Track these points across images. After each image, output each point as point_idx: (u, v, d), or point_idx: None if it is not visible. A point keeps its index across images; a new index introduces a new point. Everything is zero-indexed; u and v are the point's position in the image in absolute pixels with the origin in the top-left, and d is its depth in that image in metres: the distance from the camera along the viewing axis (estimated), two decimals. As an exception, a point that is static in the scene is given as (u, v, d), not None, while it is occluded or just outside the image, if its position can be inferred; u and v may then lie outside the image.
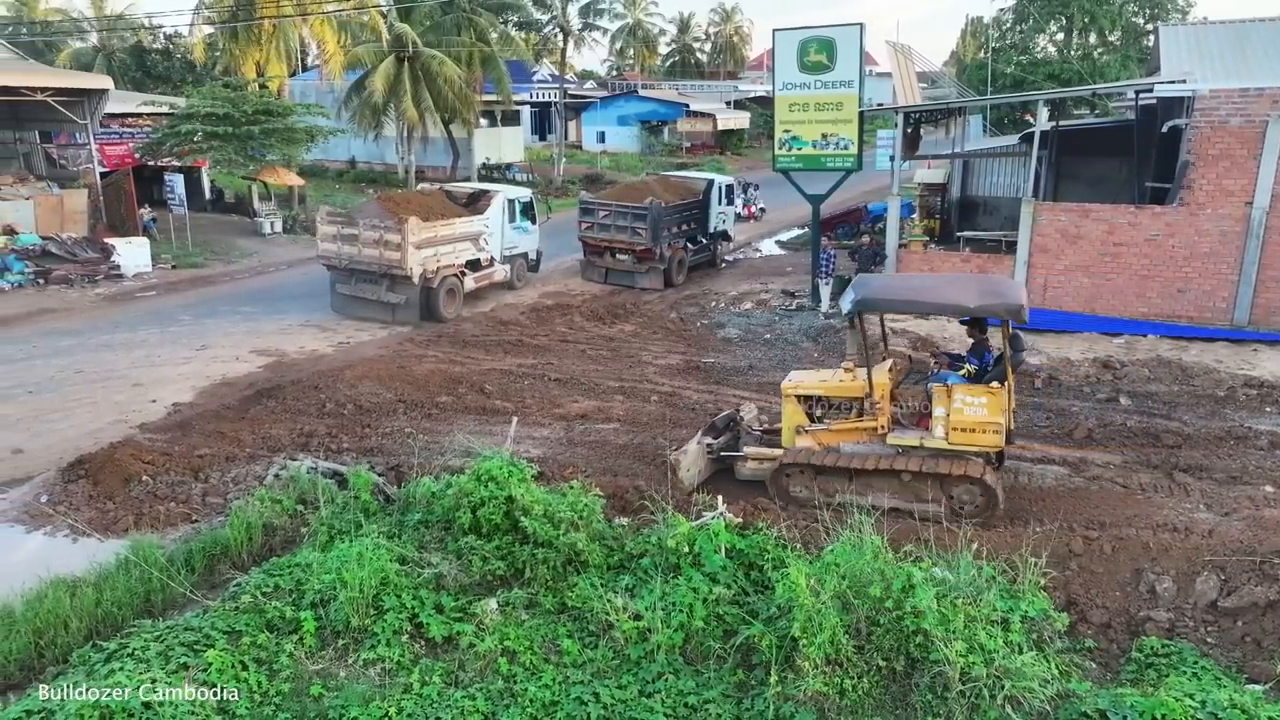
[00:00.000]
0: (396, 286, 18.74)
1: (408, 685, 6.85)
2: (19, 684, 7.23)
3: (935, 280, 11.74)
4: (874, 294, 9.91)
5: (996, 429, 9.02)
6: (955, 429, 9.16)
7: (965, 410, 9.09)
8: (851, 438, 9.76)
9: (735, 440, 10.91)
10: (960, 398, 9.12)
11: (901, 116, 19.26)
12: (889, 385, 9.73)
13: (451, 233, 19.65)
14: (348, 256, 19.10)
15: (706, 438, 10.75)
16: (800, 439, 9.97)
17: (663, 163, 48.79)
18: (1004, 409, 9.09)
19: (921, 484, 9.35)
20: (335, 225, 19.41)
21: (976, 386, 9.23)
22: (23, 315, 19.47)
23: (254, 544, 9.16)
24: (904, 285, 10.99)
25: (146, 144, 29.81)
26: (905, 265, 19.42)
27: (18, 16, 54.01)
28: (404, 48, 33.71)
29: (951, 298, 9.57)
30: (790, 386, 10.29)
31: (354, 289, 19.48)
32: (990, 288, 9.87)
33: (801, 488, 9.88)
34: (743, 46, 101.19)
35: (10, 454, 12.03)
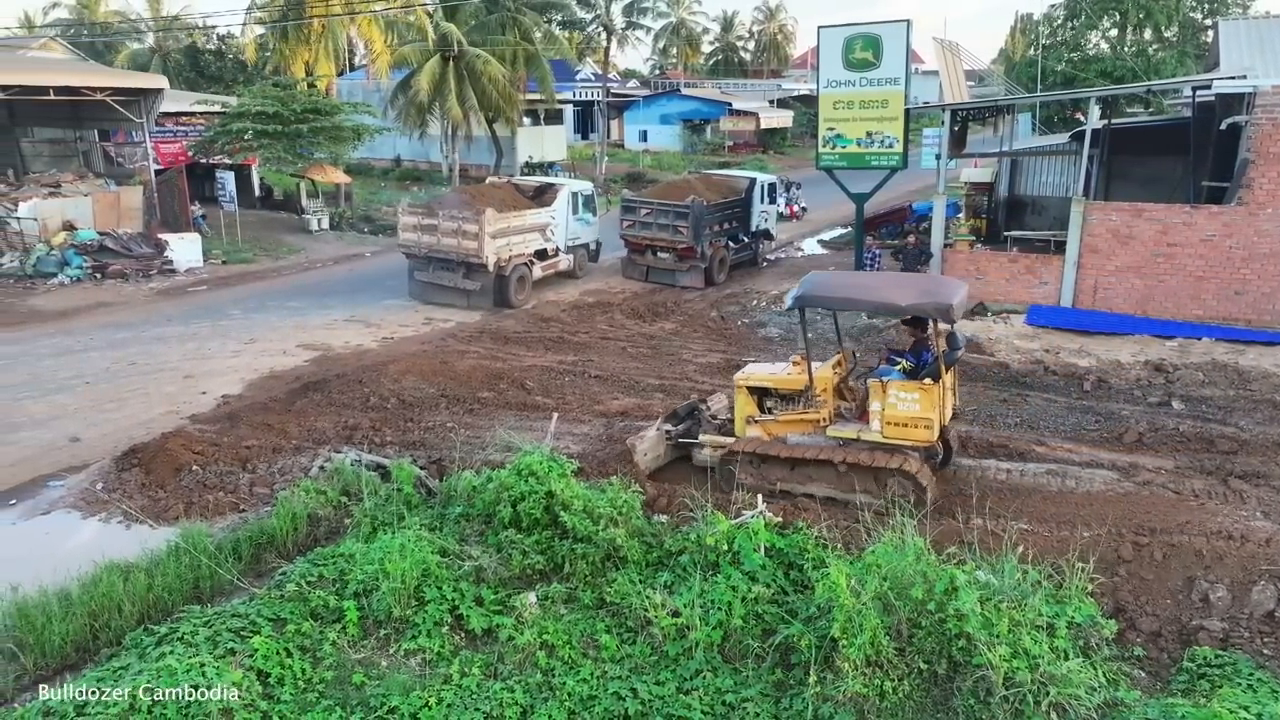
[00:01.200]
0: (472, 274, 19.82)
1: (447, 676, 6.92)
2: (75, 665, 7.44)
3: (877, 279, 12.07)
4: (813, 291, 10.25)
5: (928, 424, 9.30)
6: (890, 423, 9.46)
7: (899, 405, 9.38)
8: (797, 429, 10.10)
9: (695, 428, 11.18)
10: (894, 393, 9.41)
11: (948, 114, 18.99)
12: (832, 380, 10.11)
13: (522, 224, 20.72)
14: (427, 245, 20.17)
15: (667, 424, 11.10)
16: (750, 429, 10.33)
17: (705, 161, 48.67)
18: (936, 405, 9.32)
19: (857, 476, 9.65)
20: (415, 216, 20.50)
21: (910, 383, 9.48)
22: (81, 308, 20.03)
23: (299, 534, 9.32)
24: (844, 283, 11.25)
25: (199, 142, 30.51)
26: (951, 265, 19.16)
27: (79, 19, 55.58)
28: (449, 47, 34.03)
29: (886, 297, 9.83)
30: (741, 378, 10.62)
31: (431, 276, 20.53)
32: (927, 287, 10.09)
33: (746, 475, 10.16)
34: (786, 45, 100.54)
35: (68, 442, 12.39)
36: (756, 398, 10.47)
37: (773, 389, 10.42)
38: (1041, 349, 16.02)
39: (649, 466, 10.64)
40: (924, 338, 10.01)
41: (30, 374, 15.26)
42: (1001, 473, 11.06)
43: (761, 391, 10.48)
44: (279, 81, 32.66)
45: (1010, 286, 18.56)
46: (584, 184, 24.70)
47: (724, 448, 10.44)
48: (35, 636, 7.45)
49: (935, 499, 9.58)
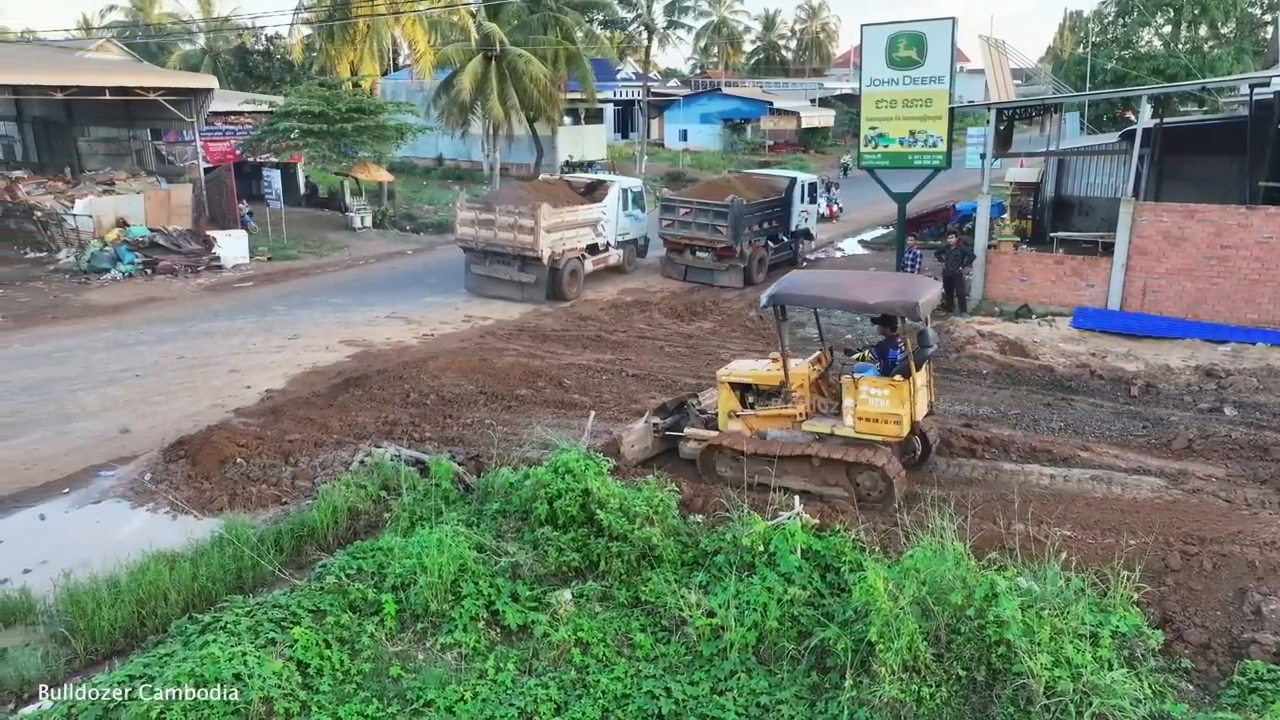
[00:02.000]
0: (527, 267, 20.32)
1: (483, 671, 6.97)
2: (123, 650, 7.63)
3: (849, 278, 12.39)
4: (787, 290, 10.48)
5: (897, 420, 9.48)
6: (861, 419, 9.64)
7: (870, 401, 9.58)
8: (776, 424, 10.32)
9: (683, 421, 11.38)
10: (865, 390, 9.62)
11: (994, 113, 18.70)
12: (809, 376, 10.32)
13: (575, 219, 21.21)
14: (484, 240, 20.67)
15: (655, 418, 11.28)
16: (732, 423, 10.53)
17: (745, 161, 48.46)
18: (905, 401, 9.49)
19: (830, 470, 9.85)
20: (473, 211, 21.00)
21: (880, 379, 9.70)
22: (132, 303, 20.53)
23: (339, 527, 9.45)
24: (817, 282, 11.47)
25: (247, 141, 31.11)
26: (995, 266, 18.88)
27: (134, 20, 56.96)
28: (491, 47, 34.29)
29: (855, 295, 10.10)
30: (724, 374, 10.83)
31: (488, 269, 21.05)
32: (897, 286, 10.28)
33: (726, 468, 10.37)
34: (829, 43, 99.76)
35: (119, 433, 12.70)
36: (739, 393, 10.67)
37: (754, 385, 10.62)
38: (1087, 352, 15.71)
39: (636, 459, 10.86)
40: (893, 336, 10.15)
41: (84, 366, 15.67)
42: (1044, 477, 10.86)
43: (744, 387, 10.67)
44: (325, 81, 33.17)
45: (1056, 288, 18.23)
46: (633, 181, 25.12)
47: (706, 441, 10.63)
48: (86, 622, 7.64)
49: (904, 493, 9.71)
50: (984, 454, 11.69)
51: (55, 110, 31.64)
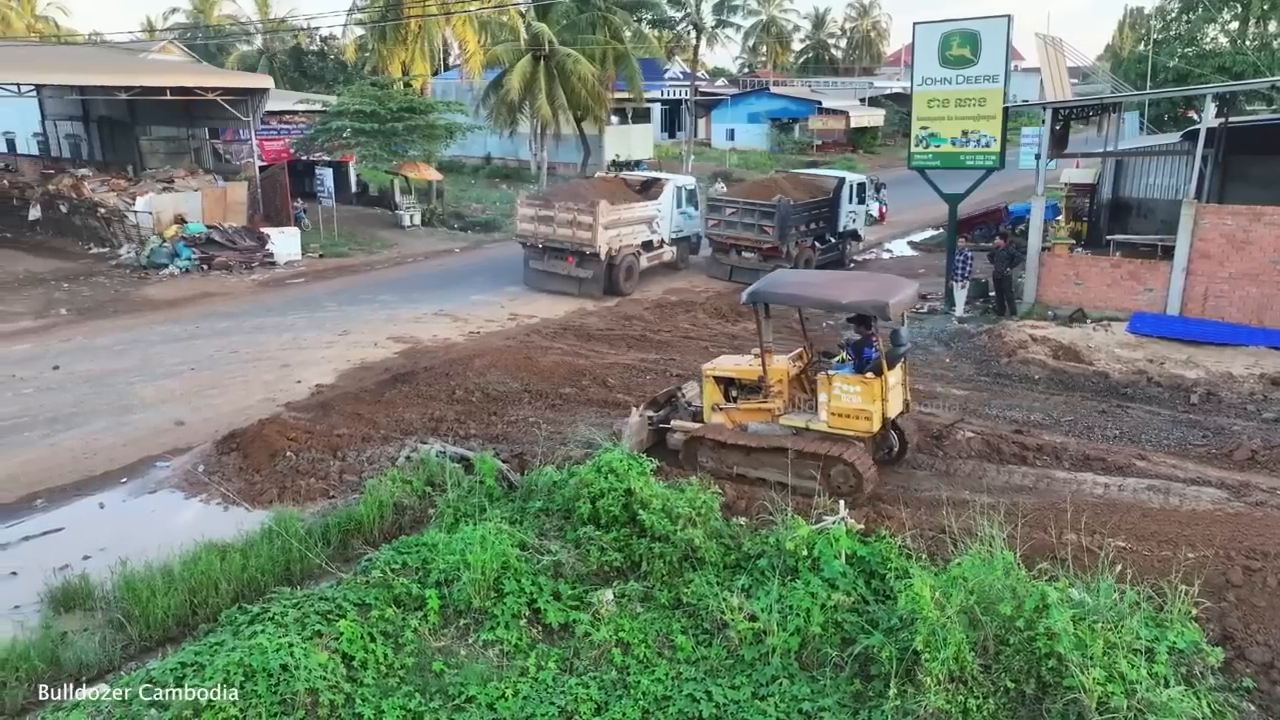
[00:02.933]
0: (585, 263, 20.71)
1: (524, 669, 7.00)
2: (175, 638, 7.81)
3: (826, 278, 12.88)
4: (766, 288, 10.75)
5: (868, 416, 9.80)
6: (834, 414, 9.99)
7: (843, 398, 9.91)
8: (756, 417, 10.62)
9: (673, 413, 11.77)
10: (839, 386, 9.95)
11: (1049, 113, 18.29)
12: (788, 372, 10.64)
13: (632, 215, 21.65)
14: (543, 236, 21.18)
15: (648, 410, 11.61)
16: (716, 416, 10.87)
17: (792, 160, 48.10)
18: (877, 398, 9.78)
19: (804, 463, 10.04)
20: (533, 208, 21.52)
21: (853, 376, 10.01)
22: (188, 298, 21.04)
23: (385, 522, 9.58)
24: (796, 281, 12.00)
25: (301, 140, 31.69)
26: (1048, 269, 18.48)
27: (195, 22, 58.43)
28: (540, 47, 34.47)
29: (829, 294, 10.54)
30: (709, 369, 11.17)
31: (546, 265, 21.50)
32: (872, 286, 10.53)
33: (707, 459, 10.72)
34: (880, 42, 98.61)
35: (174, 425, 13.02)
36: (723, 387, 10.97)
37: (736, 379, 10.93)
38: (1145, 358, 15.28)
39: (633, 450, 10.83)
40: (868, 334, 10.26)
41: (142, 359, 16.09)
42: (1099, 486, 10.59)
43: (727, 381, 10.98)
44: (377, 81, 33.64)
45: (1112, 293, 17.77)
46: (687, 179, 25.32)
47: (690, 432, 10.99)
48: (141, 609, 7.85)
49: (874, 488, 9.99)
50: (1035, 461, 11.45)
51: (119, 110, 32.56)
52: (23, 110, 37.91)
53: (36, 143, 39.38)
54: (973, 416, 13.18)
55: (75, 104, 34.95)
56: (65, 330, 18.11)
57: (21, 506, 10.59)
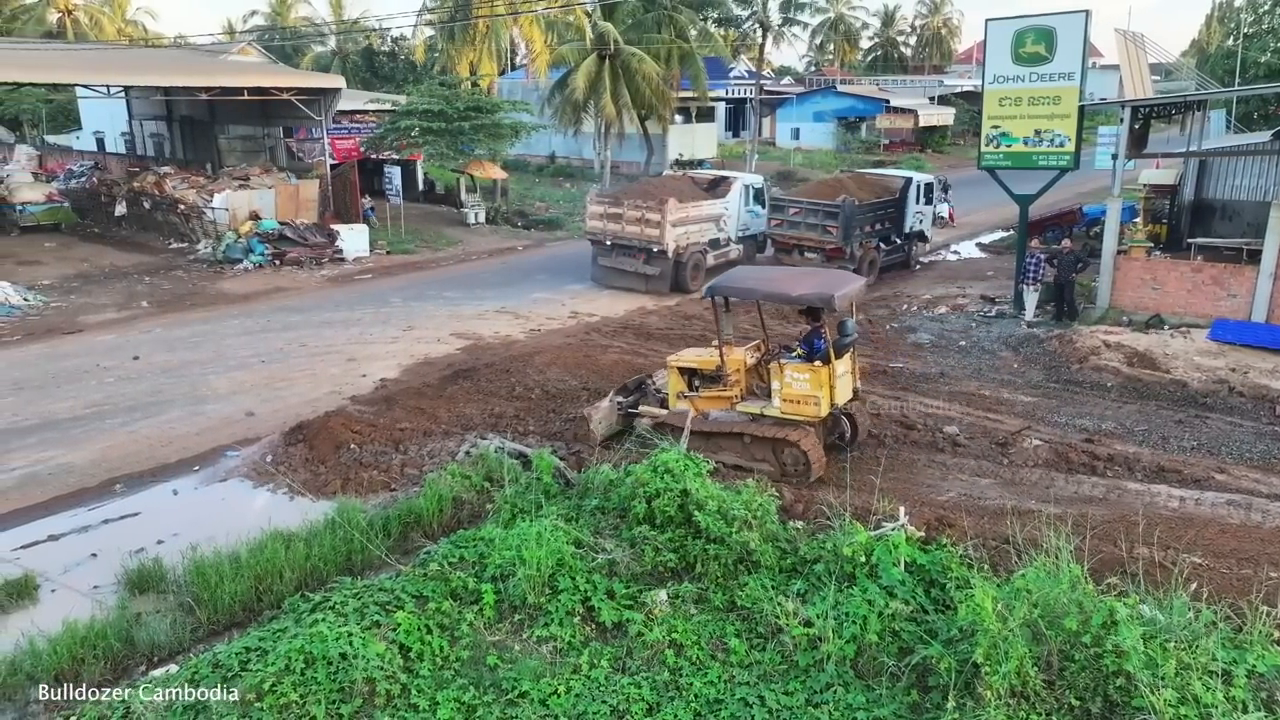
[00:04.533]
0: (652, 260, 20.92)
1: (577, 666, 7.02)
2: (241, 622, 8.05)
3: (780, 273, 13.50)
4: (724, 282, 11.40)
5: (816, 402, 10.43)
6: (786, 400, 10.60)
7: (793, 385, 10.55)
8: (717, 405, 11.25)
9: (642, 400, 12.33)
10: (789, 374, 10.58)
11: (1128, 111, 17.67)
12: (745, 362, 11.29)
13: (699, 213, 21.76)
14: (611, 233, 21.43)
15: (618, 397, 12.26)
16: (680, 404, 11.47)
17: (858, 160, 47.40)
18: (824, 385, 10.42)
19: (758, 447, 10.78)
20: (602, 205, 21.79)
21: (803, 365, 10.61)
22: (260, 292, 21.68)
23: (444, 515, 9.72)
24: (751, 276, 12.63)
25: (370, 139, 32.38)
26: (1124, 273, 17.87)
27: (272, 24, 60.20)
28: (606, 46, 34.60)
29: (781, 288, 11.11)
30: (674, 359, 11.82)
31: (614, 261, 21.77)
32: (821, 281, 11.07)
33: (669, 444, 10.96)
34: (951, 39, 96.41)
35: (244, 416, 13.43)
36: (687, 377, 11.56)
37: (698, 369, 11.49)
38: (1226, 367, 14.66)
39: (602, 434, 11.82)
40: (818, 326, 10.82)
41: (215, 351, 16.63)
42: (1173, 500, 10.20)
43: (691, 371, 11.56)
44: (445, 80, 34.17)
45: (1192, 298, 17.10)
46: (755, 177, 25.26)
47: (656, 419, 11.58)
48: (209, 594, 8.11)
49: (820, 470, 10.56)
50: (1106, 472, 11.08)
51: (200, 110, 33.71)
52: (112, 110, 39.61)
53: (123, 142, 41.06)
54: (1040, 424, 12.82)
55: (160, 104, 36.31)
56: (145, 322, 18.82)
57: (103, 490, 11.04)
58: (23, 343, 17.25)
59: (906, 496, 9.87)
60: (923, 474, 11.09)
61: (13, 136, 49.47)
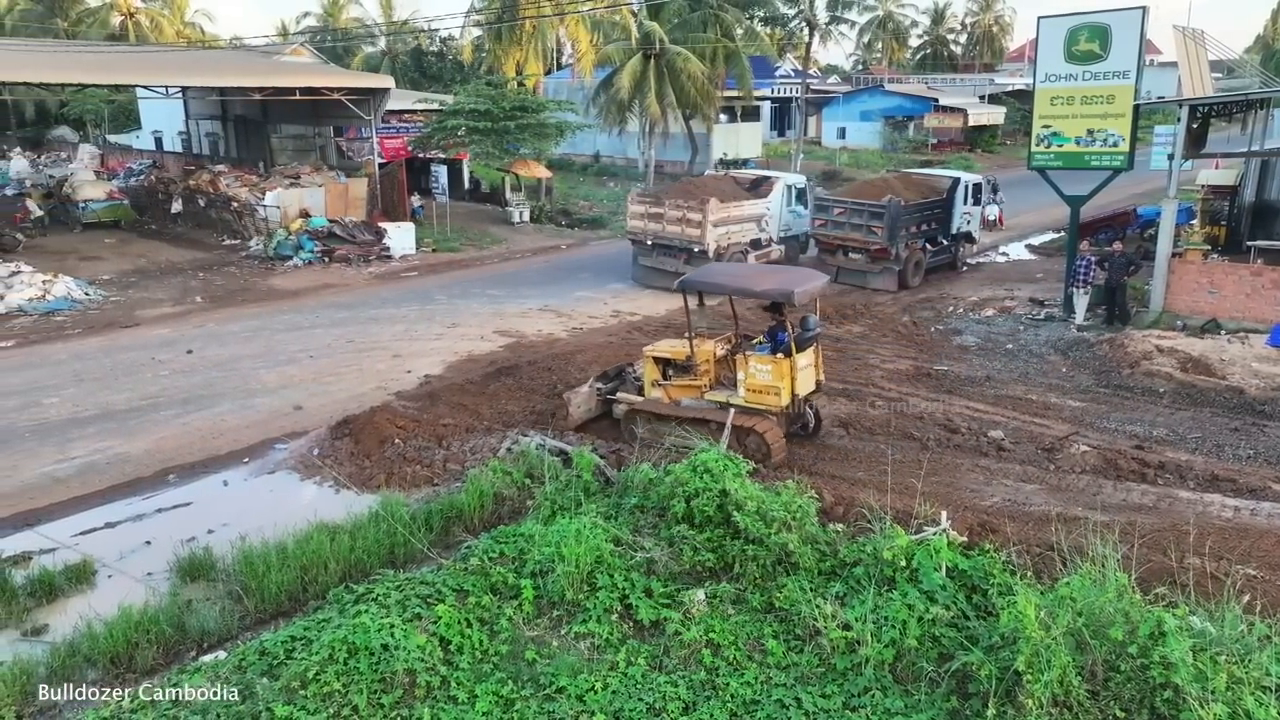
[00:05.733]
0: (693, 260, 20.77)
1: (614, 663, 7.06)
2: (287, 612, 8.23)
3: (748, 270, 14.14)
4: (695, 278, 12.16)
5: (777, 392, 10.97)
6: (750, 390, 11.17)
7: (756, 376, 11.12)
8: (688, 393, 11.84)
9: (621, 387, 12.89)
10: (753, 365, 11.16)
11: (1186, 110, 17.23)
12: (715, 353, 11.90)
13: (741, 213, 21.71)
14: (652, 233, 21.49)
15: (599, 383, 12.90)
16: (654, 391, 12.07)
17: (905, 160, 46.83)
18: (786, 376, 10.93)
19: (722, 434, 10.96)
20: (644, 205, 21.81)
21: (766, 356, 11.23)
22: (310, 288, 22.11)
23: (485, 511, 9.83)
24: (720, 272, 13.38)
25: (418, 138, 32.84)
26: (1179, 276, 17.43)
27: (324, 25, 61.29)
28: (651, 45, 34.65)
29: (746, 284, 11.71)
30: (649, 350, 12.41)
31: (655, 261, 21.85)
32: (783, 278, 11.72)
33: (643, 429, 11.86)
34: (1002, 37, 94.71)
35: (293, 410, 13.71)
36: (661, 366, 12.09)
37: (671, 359, 12.04)
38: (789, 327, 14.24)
39: (580, 418, 12.51)
40: (781, 320, 11.35)
41: (266, 346, 17.01)
42: (1227, 509, 9.94)
43: (665, 361, 12.09)
44: (491, 80, 34.51)
45: (1251, 302, 16.62)
46: (798, 177, 25.17)
47: (631, 405, 12.17)
48: (257, 583, 8.31)
49: (780, 458, 10.98)
50: (1157, 479, 10.83)
51: (253, 110, 34.48)
52: (170, 110, 40.70)
53: (180, 141, 42.16)
54: (1089, 429, 12.57)
55: (215, 104, 37.21)
56: (199, 317, 19.31)
57: (157, 480, 11.36)
58: (83, 336, 17.81)
59: (949, 501, 9.76)
60: (966, 478, 10.94)
61: (77, 136, 51.13)
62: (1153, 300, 17.80)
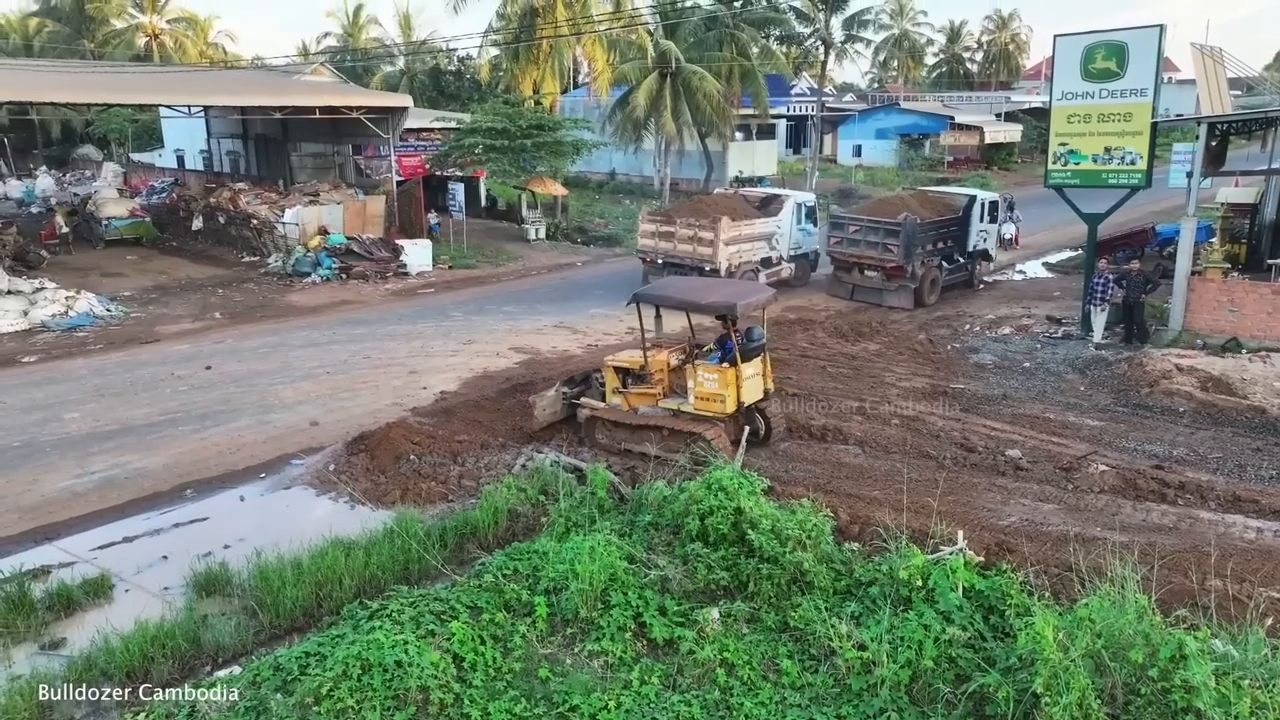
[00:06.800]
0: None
1: (628, 682, 7.03)
2: (301, 627, 8.25)
3: (697, 284, 14.63)
4: (646, 291, 12.89)
5: (723, 400, 11.53)
6: (699, 398, 11.73)
7: (704, 384, 11.68)
8: (644, 401, 12.33)
9: (586, 392, 13.25)
10: (702, 374, 11.71)
11: (1204, 127, 17.14)
12: (668, 363, 12.43)
13: (752, 232, 21.67)
14: (663, 252, 21.48)
15: (564, 387, 13.33)
16: (614, 398, 12.56)
17: (921, 177, 46.78)
18: (731, 385, 11.51)
19: (674, 439, 11.75)
20: (654, 223, 21.86)
21: (713, 366, 11.78)
22: (328, 305, 22.27)
23: (499, 527, 9.83)
24: (670, 285, 14.02)
25: (436, 156, 33.10)
26: (1199, 295, 17.29)
27: (344, 45, 62.08)
28: (667, 64, 34.87)
29: (692, 297, 12.20)
30: (609, 359, 12.94)
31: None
32: (729, 291, 12.48)
33: (602, 435, 12.51)
34: (1019, 55, 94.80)
35: (309, 425, 13.79)
36: (621, 375, 12.61)
37: (629, 369, 12.54)
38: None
39: (545, 420, 12.91)
40: (727, 331, 11.72)
41: (283, 362, 17.13)
42: (1249, 531, 9.81)
43: (624, 371, 12.60)
44: (508, 99, 34.79)
45: (1272, 321, 16.46)
46: (807, 195, 25.16)
47: (593, 411, 12.62)
48: (272, 598, 8.33)
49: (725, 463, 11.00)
50: (1177, 500, 10.71)
51: (274, 128, 34.90)
52: (192, 129, 41.29)
53: (202, 159, 42.71)
54: (1108, 449, 12.45)
55: (236, 123, 37.69)
56: (218, 333, 19.49)
57: (174, 495, 11.44)
58: (104, 351, 18.01)
59: (965, 520, 9.69)
60: (983, 497, 10.86)
61: (101, 154, 51.91)
62: (1172, 319, 17.66)
